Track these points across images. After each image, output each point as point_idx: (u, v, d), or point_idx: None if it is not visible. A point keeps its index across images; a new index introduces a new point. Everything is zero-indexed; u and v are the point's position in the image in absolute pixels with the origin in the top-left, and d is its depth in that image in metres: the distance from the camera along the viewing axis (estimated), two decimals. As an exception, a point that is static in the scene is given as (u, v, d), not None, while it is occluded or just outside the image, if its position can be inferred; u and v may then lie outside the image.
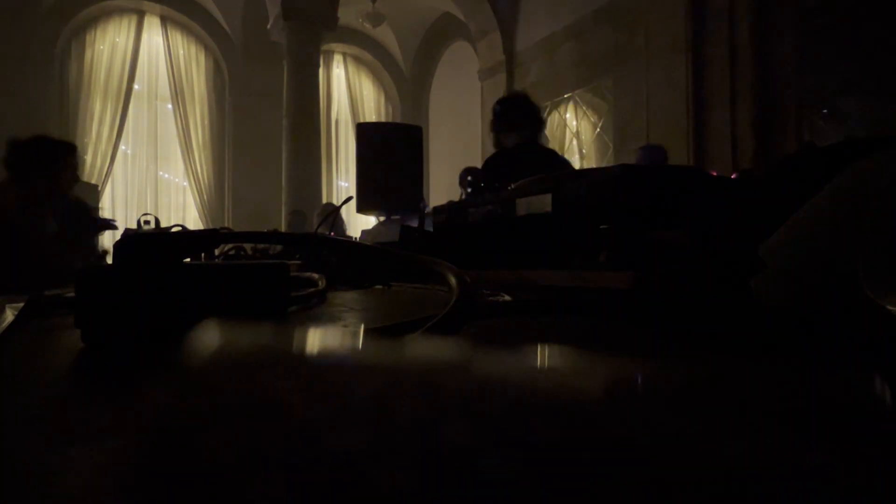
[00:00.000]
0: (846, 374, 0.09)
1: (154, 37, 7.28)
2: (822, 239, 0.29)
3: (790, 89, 3.83)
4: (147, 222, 2.47)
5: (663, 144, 3.64)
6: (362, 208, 2.97)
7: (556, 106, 5.80)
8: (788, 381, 0.09)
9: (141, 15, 7.15)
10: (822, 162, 0.32)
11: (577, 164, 5.67)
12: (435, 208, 0.83)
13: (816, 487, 0.07)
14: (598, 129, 5.46)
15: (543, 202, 0.57)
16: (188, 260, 0.37)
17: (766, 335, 0.31)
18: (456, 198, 2.96)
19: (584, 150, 5.65)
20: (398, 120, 7.78)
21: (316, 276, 0.59)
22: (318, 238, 0.58)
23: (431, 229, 0.83)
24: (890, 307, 0.25)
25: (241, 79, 7.44)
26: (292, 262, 0.81)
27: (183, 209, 7.53)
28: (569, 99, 5.67)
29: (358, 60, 8.55)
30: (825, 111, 3.67)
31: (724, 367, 0.10)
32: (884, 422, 0.08)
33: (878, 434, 0.08)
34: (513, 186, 0.68)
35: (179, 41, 7.42)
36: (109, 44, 6.96)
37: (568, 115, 5.77)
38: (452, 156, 6.92)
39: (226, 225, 6.59)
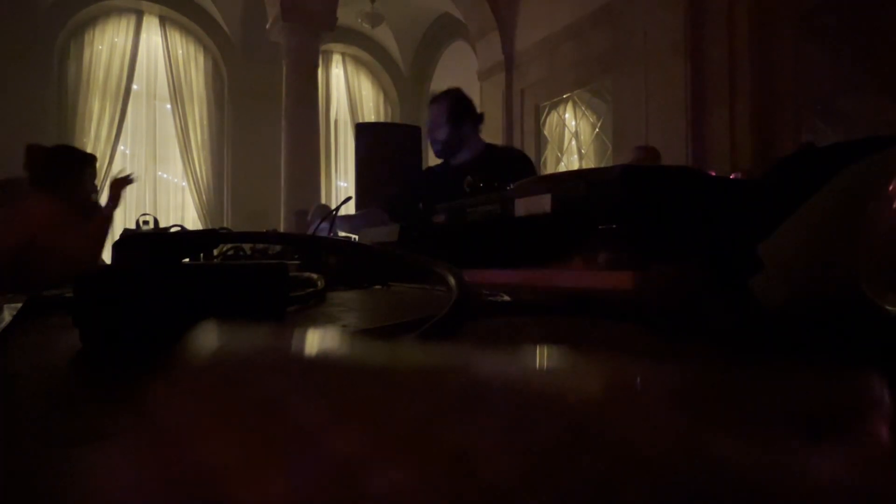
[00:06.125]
0: (846, 374, 0.09)
1: (153, 37, 7.27)
2: (821, 239, 0.29)
3: (790, 89, 3.83)
4: (146, 222, 2.46)
5: (662, 144, 3.64)
6: (361, 208, 2.97)
7: (555, 106, 5.80)
8: (788, 381, 0.09)
9: (140, 15, 7.14)
10: (822, 162, 0.32)
11: (576, 165, 5.67)
12: (435, 208, 0.83)
13: (816, 487, 0.07)
14: (597, 130, 5.46)
15: (543, 202, 0.57)
16: (187, 260, 0.37)
17: (766, 335, 0.31)
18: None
19: (583, 151, 5.65)
20: (398, 120, 7.77)
21: (315, 276, 0.59)
22: (317, 239, 0.58)
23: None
24: (890, 307, 0.25)
25: (241, 79, 7.43)
26: (291, 262, 0.81)
27: (182, 209, 7.52)
28: (568, 99, 5.67)
29: (357, 60, 8.54)
30: (825, 111, 3.66)
31: (724, 367, 0.10)
32: (884, 422, 0.08)
33: (878, 434, 0.08)
34: (512, 186, 0.68)
35: (178, 41, 7.41)
36: (108, 44, 6.95)
37: (567, 116, 5.77)
38: (452, 156, 6.89)
39: (225, 225, 6.59)
